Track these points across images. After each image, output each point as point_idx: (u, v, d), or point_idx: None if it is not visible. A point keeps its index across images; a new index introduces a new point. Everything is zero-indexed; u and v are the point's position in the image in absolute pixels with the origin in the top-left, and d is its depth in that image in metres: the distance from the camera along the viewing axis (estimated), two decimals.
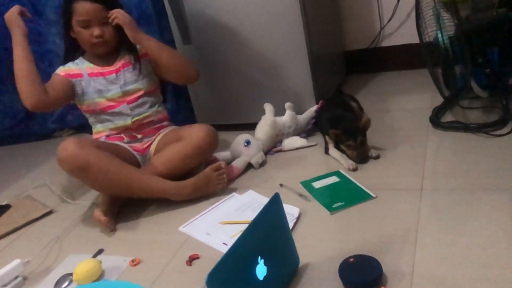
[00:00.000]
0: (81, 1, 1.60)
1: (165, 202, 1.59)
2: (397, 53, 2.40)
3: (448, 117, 1.77)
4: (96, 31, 1.62)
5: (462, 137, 1.62)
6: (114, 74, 1.71)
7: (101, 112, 1.73)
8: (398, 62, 2.41)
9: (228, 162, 1.74)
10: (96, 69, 1.72)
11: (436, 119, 1.74)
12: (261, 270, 0.99)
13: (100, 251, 1.43)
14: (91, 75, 1.71)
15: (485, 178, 1.35)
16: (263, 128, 1.83)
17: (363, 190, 1.43)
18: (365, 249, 1.15)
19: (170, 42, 2.12)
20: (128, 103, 1.72)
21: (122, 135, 1.75)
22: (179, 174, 1.62)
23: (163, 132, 1.78)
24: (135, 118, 1.73)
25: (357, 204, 1.37)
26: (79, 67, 1.71)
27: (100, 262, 1.32)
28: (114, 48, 1.73)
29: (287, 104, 1.86)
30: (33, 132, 2.71)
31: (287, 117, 1.86)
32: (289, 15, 1.84)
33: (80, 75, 1.70)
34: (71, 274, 1.31)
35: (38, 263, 1.45)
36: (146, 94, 1.75)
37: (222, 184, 1.60)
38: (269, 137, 1.82)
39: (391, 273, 1.06)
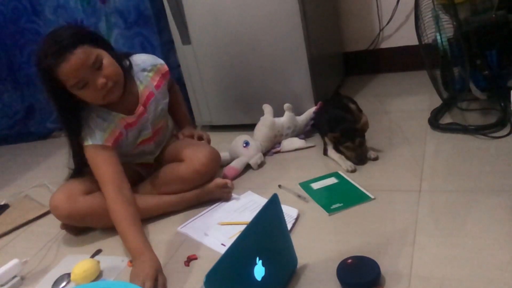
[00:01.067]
0: (61, 64, 1.28)
1: None
2: (396, 55, 2.40)
3: (446, 119, 1.77)
4: (99, 81, 1.32)
5: (460, 139, 1.62)
6: (145, 115, 1.52)
7: (124, 155, 1.57)
8: (397, 63, 2.41)
9: (227, 163, 1.74)
10: (130, 118, 1.49)
11: (434, 121, 1.74)
12: (259, 271, 0.99)
13: (98, 252, 1.43)
14: (127, 126, 1.49)
15: (483, 180, 1.35)
16: (262, 129, 1.83)
17: (362, 192, 1.43)
18: (363, 250, 1.15)
19: (169, 43, 2.12)
20: (154, 138, 1.62)
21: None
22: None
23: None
24: (157, 154, 1.67)
25: (356, 205, 1.37)
26: (115, 125, 1.45)
27: (98, 262, 1.32)
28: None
29: (286, 105, 1.86)
30: (32, 132, 2.70)
31: (286, 118, 1.86)
32: (289, 16, 1.84)
33: (121, 134, 1.48)
34: (69, 274, 1.31)
35: (36, 263, 1.45)
36: (165, 120, 1.67)
37: (226, 199, 1.57)
38: (267, 138, 1.82)
39: (389, 274, 1.06)
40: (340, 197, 1.43)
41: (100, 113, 1.44)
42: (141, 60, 1.55)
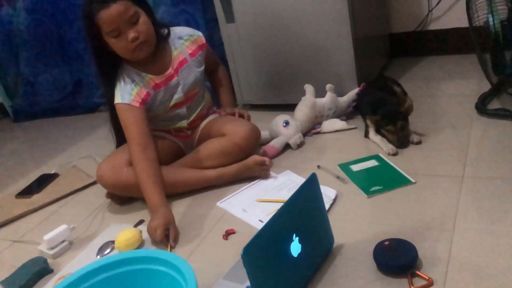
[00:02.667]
0: (102, 10, 1.40)
1: None
2: (444, 37, 2.32)
3: (494, 105, 1.71)
4: (130, 34, 1.43)
5: (508, 125, 1.56)
6: (176, 78, 1.60)
7: (159, 118, 1.68)
8: (445, 46, 2.34)
9: (266, 142, 1.76)
10: (158, 79, 1.58)
11: (482, 106, 1.68)
12: (295, 247, 1.01)
13: (140, 222, 1.49)
14: (155, 87, 1.57)
15: None
16: (303, 109, 1.83)
17: (402, 175, 1.41)
18: (401, 233, 1.15)
19: (213, 21, 2.13)
20: (186, 103, 1.67)
21: (171, 130, 1.73)
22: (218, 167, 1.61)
23: (206, 120, 1.77)
24: (191, 119, 1.71)
25: (395, 188, 1.36)
26: (143, 85, 1.55)
27: (141, 232, 1.37)
28: (157, 45, 1.56)
29: (328, 86, 1.84)
30: (80, 105, 2.80)
31: (327, 99, 1.85)
32: None
33: (148, 94, 1.56)
34: (113, 242, 1.37)
35: (82, 230, 1.52)
36: (201, 89, 1.71)
37: (264, 176, 1.58)
38: (308, 119, 1.82)
39: (427, 259, 1.05)
40: (380, 180, 1.41)
41: (131, 73, 1.56)
42: (180, 30, 1.66)
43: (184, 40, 1.64)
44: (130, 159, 1.53)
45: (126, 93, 1.53)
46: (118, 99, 1.53)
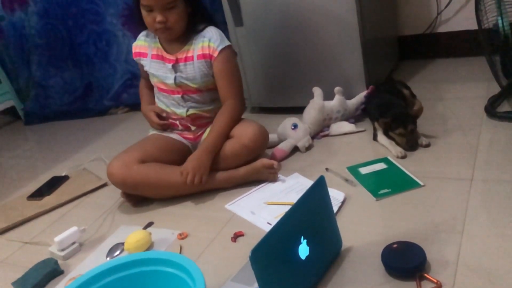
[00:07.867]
0: None
1: None
2: (453, 40, 2.32)
3: (504, 107, 1.70)
4: (158, 17, 1.54)
5: None
6: (172, 64, 1.66)
7: (160, 92, 1.75)
8: (454, 48, 2.33)
9: (275, 145, 1.76)
10: (160, 52, 1.68)
11: (491, 109, 1.68)
12: (303, 250, 1.01)
13: (150, 224, 1.50)
14: (153, 57, 1.70)
15: None
16: (311, 112, 1.83)
17: (411, 178, 1.41)
18: (409, 236, 1.14)
19: (222, 24, 2.14)
20: (181, 94, 1.70)
21: (177, 122, 1.75)
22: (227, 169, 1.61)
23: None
24: (190, 112, 1.72)
25: (404, 191, 1.36)
26: (148, 45, 1.71)
27: (150, 233, 1.38)
28: (183, 34, 1.64)
29: (336, 89, 1.85)
30: (90, 108, 2.83)
31: (335, 102, 1.85)
32: None
33: (145, 54, 1.72)
34: (122, 244, 1.38)
35: (93, 232, 1.53)
36: (204, 91, 1.71)
37: (272, 180, 1.59)
38: (316, 121, 1.82)
39: (435, 262, 1.05)
40: (388, 183, 1.41)
41: (151, 33, 1.71)
42: (210, 31, 1.67)
43: (202, 41, 1.64)
44: (141, 157, 1.57)
45: (138, 39, 1.75)
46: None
